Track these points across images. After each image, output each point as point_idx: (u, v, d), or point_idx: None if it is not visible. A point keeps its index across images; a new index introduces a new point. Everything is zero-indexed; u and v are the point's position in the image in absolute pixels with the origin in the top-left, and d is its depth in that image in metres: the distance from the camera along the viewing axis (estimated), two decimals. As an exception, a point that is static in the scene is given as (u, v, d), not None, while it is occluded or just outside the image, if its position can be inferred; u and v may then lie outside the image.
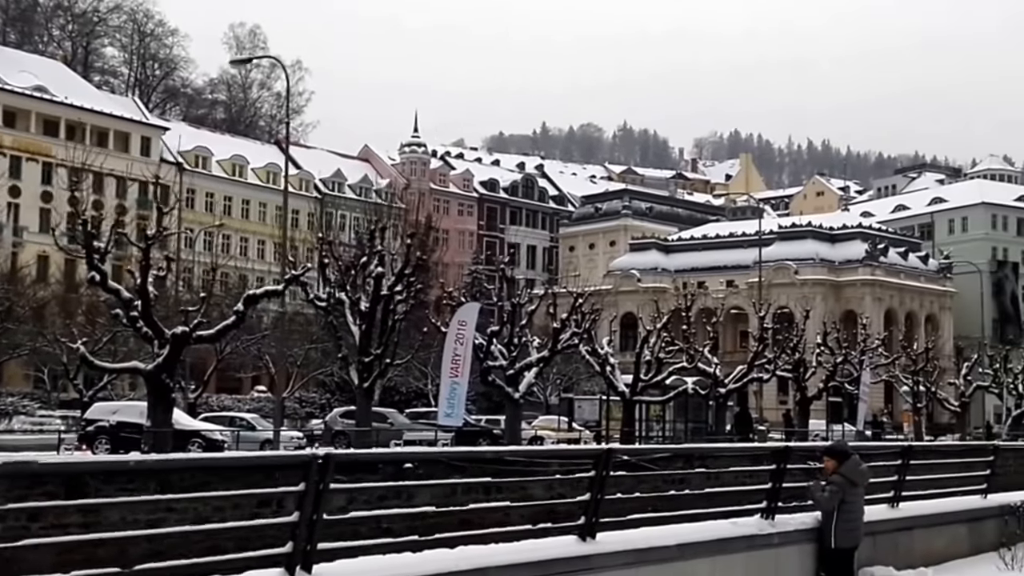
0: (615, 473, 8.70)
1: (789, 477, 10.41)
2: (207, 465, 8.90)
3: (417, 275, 32.47)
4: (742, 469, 11.91)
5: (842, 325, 60.73)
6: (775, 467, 9.95)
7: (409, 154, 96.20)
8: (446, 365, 30.45)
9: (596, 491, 8.37)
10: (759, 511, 10.03)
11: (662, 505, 9.59)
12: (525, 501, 9.31)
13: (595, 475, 8.36)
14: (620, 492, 9.16)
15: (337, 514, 6.96)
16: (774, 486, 10.00)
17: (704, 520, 9.69)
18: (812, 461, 10.85)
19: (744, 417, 44.64)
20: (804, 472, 10.57)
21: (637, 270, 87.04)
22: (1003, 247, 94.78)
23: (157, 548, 6.07)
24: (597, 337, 40.67)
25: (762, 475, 10.31)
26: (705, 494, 10.37)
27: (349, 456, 7.51)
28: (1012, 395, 57.63)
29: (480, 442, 39.91)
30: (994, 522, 13.02)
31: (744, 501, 10.28)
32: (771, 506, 10.02)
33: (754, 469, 11.27)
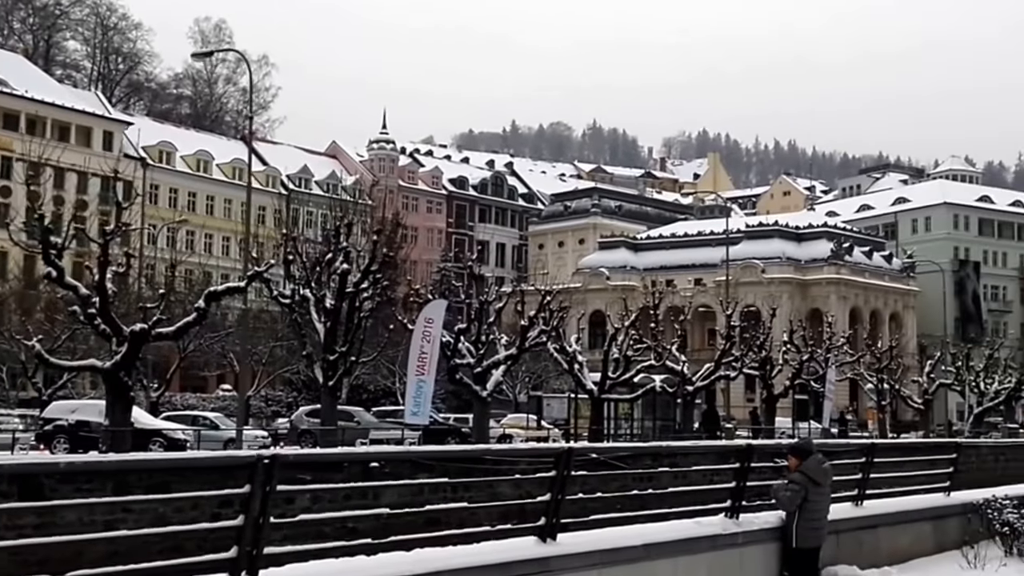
0: (576, 473, 8.53)
1: (754, 475, 10.30)
2: (142, 467, 8.62)
3: (384, 272, 32.15)
4: (707, 468, 11.79)
5: (808, 323, 61.04)
6: (739, 466, 9.82)
7: (377, 151, 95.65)
8: (412, 363, 30.28)
9: (556, 491, 8.20)
10: (723, 510, 9.90)
11: (625, 505, 9.44)
12: (488, 501, 9.12)
13: (556, 475, 8.20)
14: (582, 492, 9.01)
15: (294, 516, 6.74)
16: (738, 485, 9.88)
17: (668, 520, 9.56)
18: (778, 459, 10.74)
19: (711, 415, 44.70)
20: (770, 470, 10.45)
21: (606, 268, 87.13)
22: (965, 247, 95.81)
23: (117, 549, 5.86)
24: (566, 335, 40.60)
25: (726, 474, 10.17)
26: (669, 493, 10.22)
27: (298, 458, 7.27)
28: (974, 393, 58.15)
29: (448, 440, 39.73)
30: (957, 520, 12.97)
31: (708, 500, 10.16)
32: (735, 505, 9.89)
33: (718, 468, 11.14)
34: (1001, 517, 12.39)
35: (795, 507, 9.72)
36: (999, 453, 47.57)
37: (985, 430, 58.19)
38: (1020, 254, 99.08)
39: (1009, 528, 12.16)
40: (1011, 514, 12.27)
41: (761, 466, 10.32)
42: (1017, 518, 12.08)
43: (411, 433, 34.44)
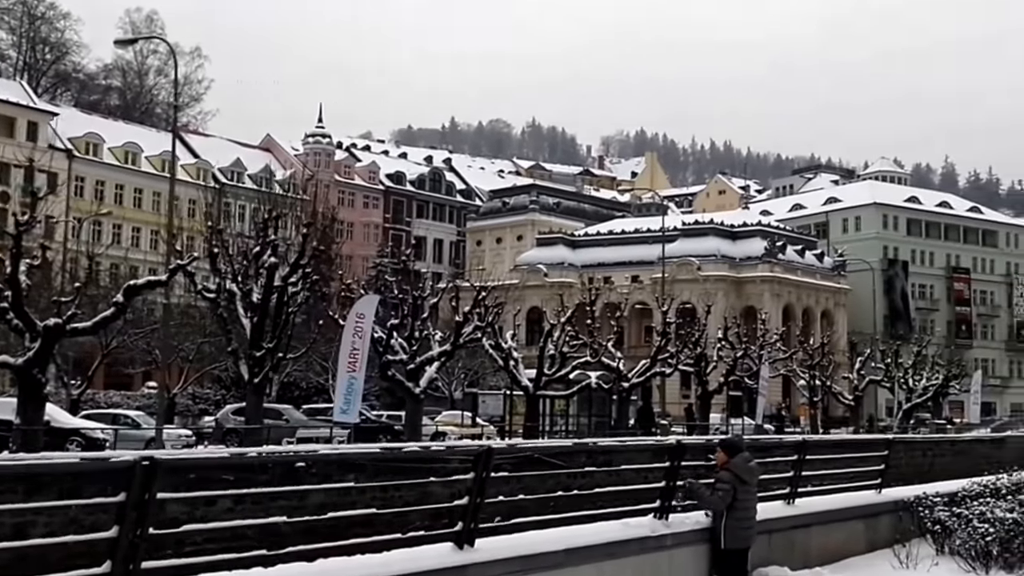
0: (496, 474, 8.09)
1: (688, 474, 9.96)
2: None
3: (315, 267, 31.48)
4: (637, 467, 11.42)
5: (742, 320, 61.39)
6: (669, 464, 9.45)
7: (313, 144, 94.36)
8: (343, 359, 29.71)
9: (475, 494, 7.75)
10: (653, 511, 9.53)
11: (550, 507, 9.01)
12: (403, 505, 8.62)
13: (474, 476, 7.75)
14: (505, 494, 8.56)
15: (178, 526, 6.18)
16: (668, 484, 9.51)
17: (596, 521, 9.16)
18: (711, 455, 10.38)
19: (646, 412, 44.70)
20: (703, 469, 10.10)
21: (544, 265, 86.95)
22: (894, 246, 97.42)
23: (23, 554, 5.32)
24: (502, 332, 40.28)
25: (657, 472, 9.79)
26: (597, 493, 9.80)
27: (179, 462, 6.72)
28: (903, 389, 58.98)
29: (380, 438, 39.04)
30: (889, 518, 12.76)
31: (638, 500, 9.78)
32: (665, 505, 9.53)
33: (649, 467, 10.78)
34: (932, 515, 12.20)
35: (723, 507, 9.39)
36: (927, 449, 48.33)
37: (914, 426, 59.07)
38: (947, 254, 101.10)
39: (940, 526, 11.97)
40: (942, 512, 12.08)
41: (692, 464, 9.97)
42: (948, 516, 11.89)
43: (340, 431, 33.59)
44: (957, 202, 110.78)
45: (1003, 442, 56.41)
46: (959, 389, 65.07)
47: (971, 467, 44.78)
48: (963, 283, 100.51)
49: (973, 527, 11.28)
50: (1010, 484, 14.22)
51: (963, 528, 11.42)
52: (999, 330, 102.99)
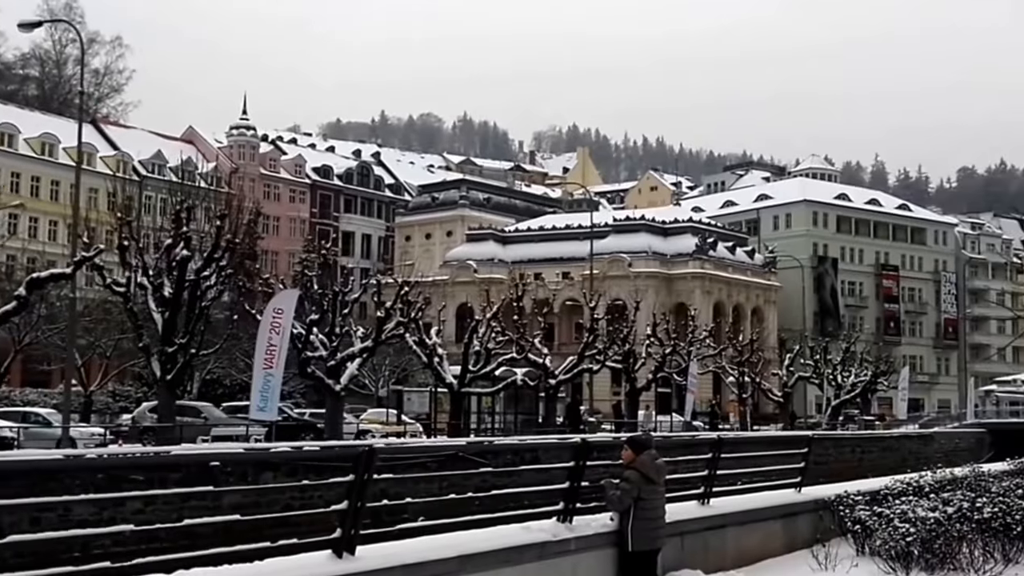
0: (380, 476, 7.38)
1: (593, 474, 9.34)
2: None
3: (236, 261, 30.47)
4: (538, 467, 10.78)
5: (673, 317, 61.36)
6: (573, 464, 8.81)
7: (237, 137, 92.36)
8: (259, 356, 28.86)
9: (356, 498, 7.04)
10: (556, 513, 8.89)
11: (443, 510, 8.31)
12: (280, 510, 7.86)
13: (355, 479, 7.03)
14: (392, 497, 7.85)
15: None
16: (572, 485, 8.87)
17: (496, 525, 8.49)
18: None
19: (573, 409, 44.32)
20: (610, 468, 9.48)
21: (474, 261, 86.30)
22: (823, 243, 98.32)
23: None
24: (427, 328, 39.63)
25: (560, 473, 9.14)
26: (496, 496, 9.13)
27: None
28: (831, 386, 59.37)
29: (302, 437, 38.03)
30: (809, 517, 12.29)
31: (541, 502, 9.13)
32: (569, 507, 8.89)
33: (550, 467, 10.14)
34: (853, 514, 11.75)
35: (626, 506, 8.77)
36: (856, 445, 48.61)
37: (843, 422, 59.54)
38: (876, 251, 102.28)
39: (861, 526, 11.51)
40: (863, 511, 11.64)
41: (598, 464, 9.35)
42: (869, 515, 11.45)
43: (258, 430, 32.55)
44: (886, 199, 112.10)
45: (930, 438, 57.40)
46: (887, 386, 65.78)
47: (899, 463, 44.91)
48: (892, 280, 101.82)
49: (894, 527, 10.84)
50: (934, 482, 13.88)
51: (884, 528, 10.98)
52: (927, 327, 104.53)
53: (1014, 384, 78.44)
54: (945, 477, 14.99)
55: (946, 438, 59.32)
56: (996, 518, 11.36)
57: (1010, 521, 11.29)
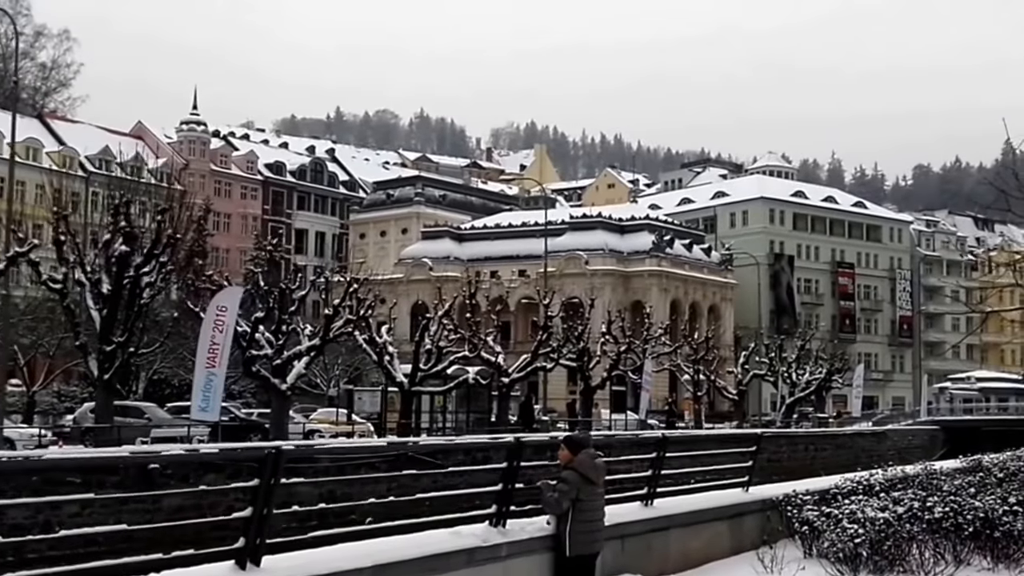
0: (290, 480, 6.81)
1: (529, 475, 8.82)
2: None
3: (171, 256, 29.62)
4: (471, 468, 10.25)
5: (629, 315, 61.12)
6: (507, 465, 8.30)
7: (187, 132, 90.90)
8: (201, 354, 28.23)
9: (261, 504, 6.46)
10: (488, 517, 8.37)
11: (363, 516, 7.75)
12: (179, 518, 7.25)
13: (260, 483, 6.45)
14: (304, 503, 7.27)
15: None
16: (505, 487, 8.35)
17: (423, 530, 7.94)
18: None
19: (527, 408, 43.91)
20: (544, 469, 8.98)
21: (429, 258, 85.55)
22: (780, 240, 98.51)
23: None
24: (379, 326, 39.02)
25: (496, 474, 8.61)
26: (421, 500, 8.57)
27: None
28: (786, 383, 59.40)
29: (250, 437, 37.22)
30: (756, 518, 11.86)
31: (472, 505, 8.60)
32: (502, 511, 8.37)
33: (483, 468, 9.62)
34: (801, 515, 11.33)
35: (564, 509, 8.27)
36: (809, 443, 48.57)
37: (797, 420, 59.65)
38: (832, 248, 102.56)
39: (808, 527, 11.09)
40: (811, 511, 11.21)
41: (533, 465, 8.84)
42: (817, 516, 11.02)
43: (201, 431, 31.69)
44: (843, 197, 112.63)
45: (884, 436, 57.66)
46: (842, 383, 65.91)
47: (852, 461, 44.63)
48: (847, 278, 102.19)
49: (842, 528, 10.43)
50: (884, 481, 13.53)
51: (832, 529, 10.57)
52: (882, 324, 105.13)
53: (968, 381, 79.12)
54: (896, 475, 14.67)
55: (900, 435, 59.66)
56: (947, 518, 11.00)
57: (961, 521, 10.94)
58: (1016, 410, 66.16)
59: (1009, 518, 10.99)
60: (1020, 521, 10.97)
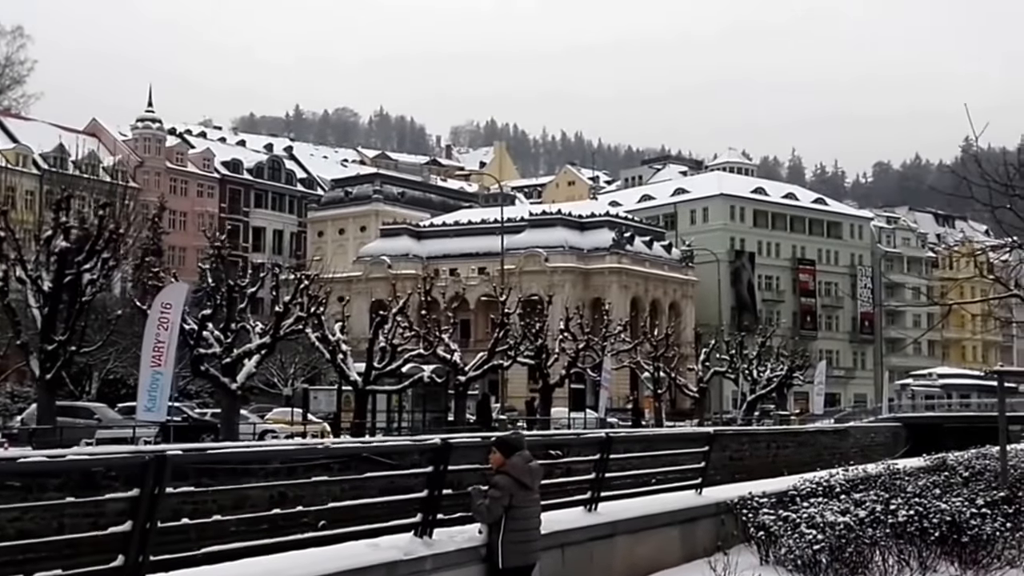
0: (178, 489, 6.02)
1: (458, 480, 8.08)
2: None
3: (114, 252, 28.61)
4: (392, 473, 9.48)
5: (589, 312, 60.57)
6: (432, 470, 7.54)
7: (143, 130, 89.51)
8: (146, 353, 27.45)
9: (143, 517, 5.68)
10: (413, 527, 7.61)
11: (273, 528, 6.96)
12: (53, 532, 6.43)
13: (140, 494, 5.67)
14: (202, 514, 6.48)
15: None
16: (431, 494, 7.59)
17: (339, 542, 7.18)
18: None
19: (484, 406, 43.20)
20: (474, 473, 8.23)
21: (388, 256, 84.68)
22: (740, 237, 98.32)
23: None
24: (332, 323, 38.20)
25: (420, 479, 7.85)
26: (337, 508, 7.77)
27: None
28: (747, 380, 59.08)
29: (202, 438, 36.27)
30: (710, 522, 11.16)
31: (396, 514, 7.84)
32: (428, 520, 7.61)
33: (406, 472, 8.84)
34: (757, 519, 10.64)
35: (497, 516, 7.52)
36: (771, 440, 48.21)
37: (759, 417, 59.39)
38: (792, 245, 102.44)
39: (765, 532, 10.40)
40: (767, 515, 10.52)
41: (465, 468, 8.10)
42: (774, 520, 10.34)
43: (148, 432, 30.66)
44: (803, 194, 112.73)
45: (846, 433, 57.52)
46: (803, 380, 65.75)
47: (814, 458, 44.29)
48: (808, 274, 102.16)
49: (801, 533, 9.76)
50: (845, 481, 12.92)
51: (790, 534, 9.90)
52: (843, 321, 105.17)
53: (929, 378, 79.44)
54: (858, 475, 14.08)
55: (862, 433, 59.61)
56: (912, 521, 10.37)
57: (927, 525, 10.31)
58: (978, 407, 66.29)
59: (977, 521, 10.40)
60: (989, 524, 10.38)
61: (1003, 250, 14.80)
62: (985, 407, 63.61)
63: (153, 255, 60.83)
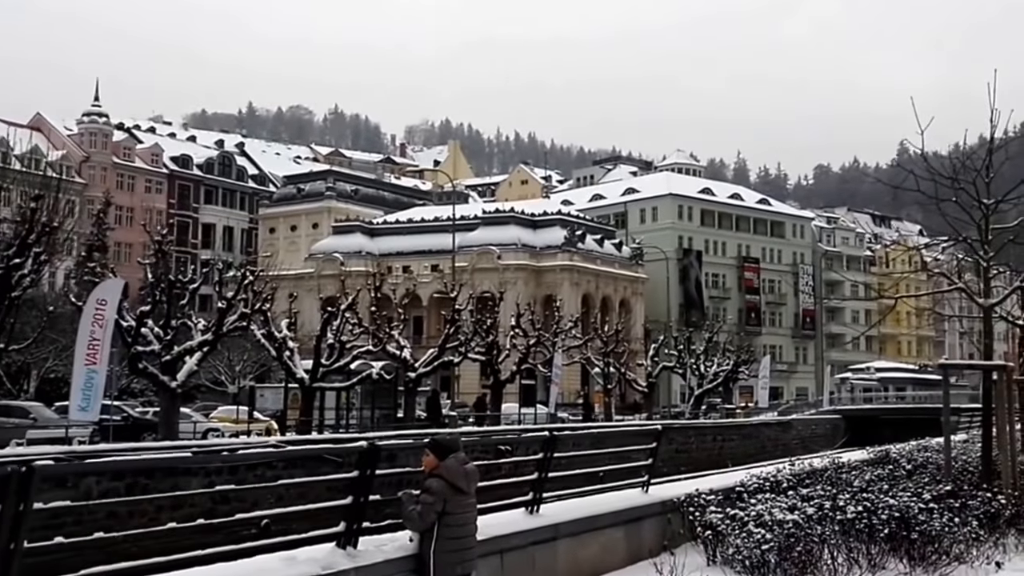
0: (47, 505, 5.47)
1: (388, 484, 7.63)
2: None
3: (46, 246, 27.67)
4: (317, 479, 8.98)
5: (541, 309, 60.25)
6: (358, 475, 7.06)
7: (88, 124, 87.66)
8: (80, 351, 26.60)
9: (6, 536, 5.08)
10: (335, 537, 7.12)
11: (168, 542, 6.43)
12: None
13: (3, 510, 5.07)
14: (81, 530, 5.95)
15: None
16: (356, 501, 7.10)
17: (251, 556, 6.62)
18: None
19: (433, 403, 42.76)
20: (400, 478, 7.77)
21: (340, 253, 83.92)
22: (688, 236, 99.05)
23: None
24: (286, 320, 37.57)
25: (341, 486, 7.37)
26: (245, 520, 7.25)
27: None
28: (695, 375, 59.38)
29: (144, 438, 35.52)
30: (656, 521, 10.79)
31: (320, 523, 7.35)
32: (352, 528, 7.12)
33: (325, 479, 8.37)
34: (704, 518, 10.32)
35: (429, 524, 7.03)
36: (717, 433, 48.36)
37: (705, 411, 59.67)
38: (738, 244, 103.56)
39: (712, 531, 10.08)
40: (715, 514, 10.20)
41: (393, 472, 7.64)
42: (721, 518, 10.02)
43: (82, 432, 29.78)
44: (748, 194, 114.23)
45: (789, 425, 58.00)
46: (748, 374, 66.33)
47: (759, 450, 44.35)
48: (753, 272, 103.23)
49: (748, 532, 9.45)
50: (792, 476, 12.68)
51: (737, 533, 9.59)
52: (786, 317, 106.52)
53: (867, 372, 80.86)
54: (804, 470, 13.88)
55: (804, 425, 60.29)
56: (860, 518, 10.11)
57: (876, 522, 10.06)
58: (913, 399, 67.41)
59: (925, 516, 10.16)
60: (937, 520, 10.15)
61: (938, 247, 14.85)
62: (920, 399, 64.74)
63: (98, 251, 59.74)
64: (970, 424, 28.57)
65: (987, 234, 12.42)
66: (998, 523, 11.42)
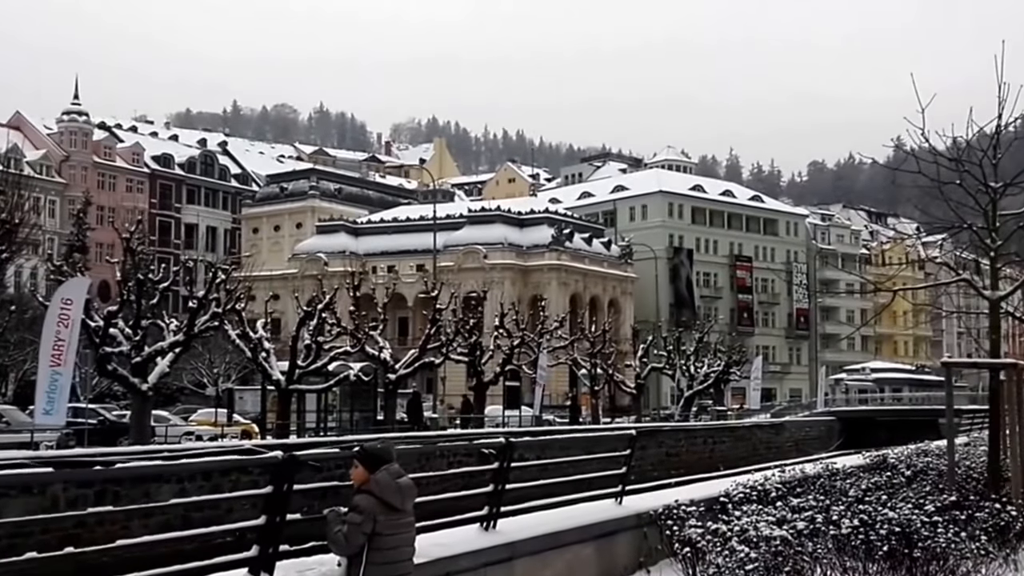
0: None
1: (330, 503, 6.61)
2: None
3: (8, 245, 26.72)
4: (224, 496, 7.98)
5: (528, 309, 59.22)
6: (272, 490, 6.05)
7: (68, 123, 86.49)
8: (45, 352, 25.68)
9: None
10: (248, 562, 6.10)
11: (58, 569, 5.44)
12: None
13: None
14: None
15: None
16: (272, 520, 6.08)
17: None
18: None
19: (414, 405, 41.74)
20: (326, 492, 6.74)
21: (324, 253, 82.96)
22: (679, 234, 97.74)
23: None
24: (261, 320, 36.54)
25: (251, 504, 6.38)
26: (146, 543, 6.24)
27: None
28: (685, 376, 58.37)
29: (120, 442, 34.51)
30: (631, 536, 9.77)
31: (228, 547, 6.34)
32: (267, 553, 6.11)
33: (232, 496, 7.36)
34: (682, 532, 9.30)
35: (358, 546, 5.99)
36: (708, 436, 47.42)
37: (696, 413, 58.74)
38: (730, 242, 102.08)
39: (691, 548, 9.07)
40: (694, 528, 9.20)
41: (316, 487, 6.63)
42: (701, 534, 9.02)
43: (49, 436, 28.71)
44: (740, 191, 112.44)
45: (782, 427, 57.05)
46: (740, 375, 65.31)
47: (750, 453, 43.29)
48: (745, 271, 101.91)
49: (731, 549, 8.45)
50: (781, 484, 11.66)
51: (719, 551, 8.58)
52: (779, 317, 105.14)
53: (862, 372, 79.86)
54: (795, 477, 12.86)
55: (797, 427, 59.33)
56: (857, 533, 9.08)
57: (873, 537, 9.02)
58: (910, 400, 66.60)
59: (929, 531, 9.14)
60: (942, 535, 9.13)
61: (938, 240, 13.94)
62: (917, 400, 63.95)
63: (78, 251, 58.56)
64: (971, 426, 27.69)
65: (994, 221, 11.47)
66: (1008, 537, 10.44)
